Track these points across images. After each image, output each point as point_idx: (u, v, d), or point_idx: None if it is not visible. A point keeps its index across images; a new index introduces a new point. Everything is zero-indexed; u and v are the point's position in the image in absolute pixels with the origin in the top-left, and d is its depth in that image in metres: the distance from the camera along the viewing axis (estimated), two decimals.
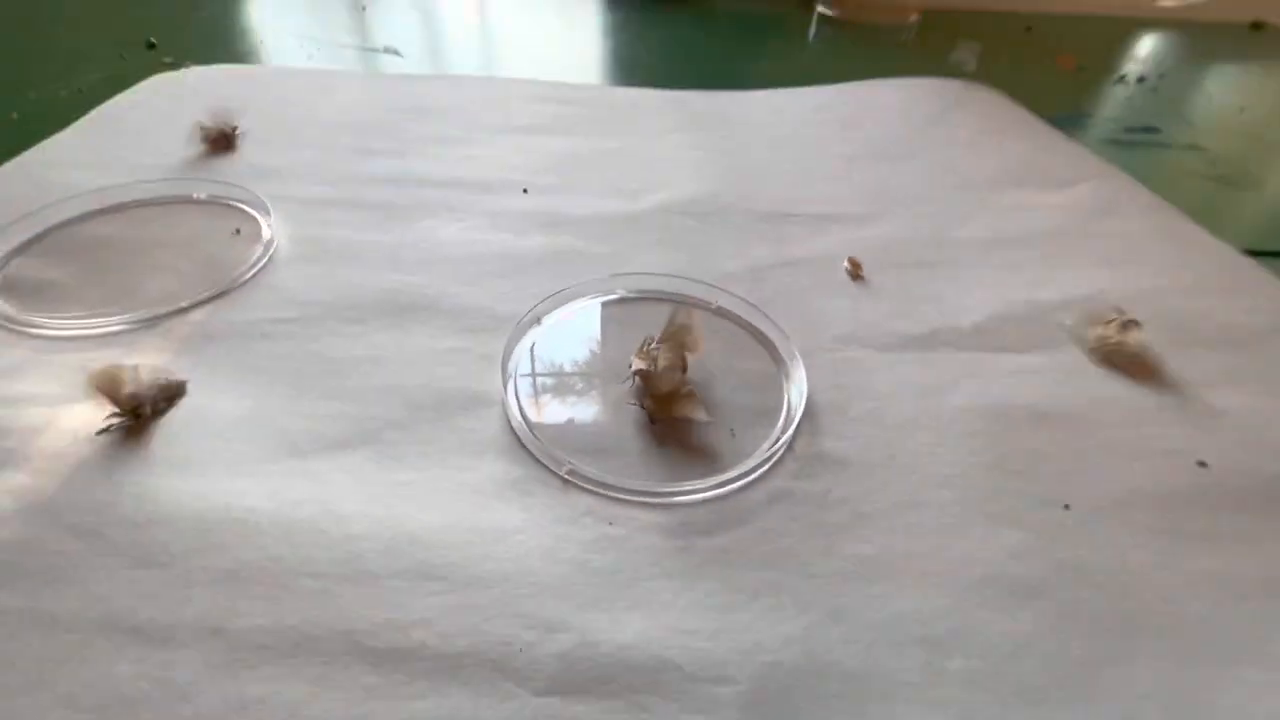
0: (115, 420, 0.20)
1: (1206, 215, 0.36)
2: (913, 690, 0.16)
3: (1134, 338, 0.24)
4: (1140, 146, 0.44)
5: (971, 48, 0.59)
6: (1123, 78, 0.56)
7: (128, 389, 0.19)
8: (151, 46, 0.48)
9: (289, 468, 0.19)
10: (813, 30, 0.63)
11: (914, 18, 0.62)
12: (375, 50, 0.51)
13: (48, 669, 0.15)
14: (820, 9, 0.63)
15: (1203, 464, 0.21)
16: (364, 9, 0.60)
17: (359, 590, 0.17)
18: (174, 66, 0.45)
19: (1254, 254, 0.31)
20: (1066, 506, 0.20)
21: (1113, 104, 0.51)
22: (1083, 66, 0.58)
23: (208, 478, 0.19)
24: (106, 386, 0.19)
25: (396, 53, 0.51)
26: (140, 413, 0.20)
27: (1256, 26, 0.73)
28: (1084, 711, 0.15)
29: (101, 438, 0.20)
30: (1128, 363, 0.24)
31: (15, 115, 0.38)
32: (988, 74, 0.55)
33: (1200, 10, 0.74)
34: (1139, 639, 0.17)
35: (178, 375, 0.21)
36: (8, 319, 0.24)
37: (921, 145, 0.39)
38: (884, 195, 0.34)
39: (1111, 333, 0.24)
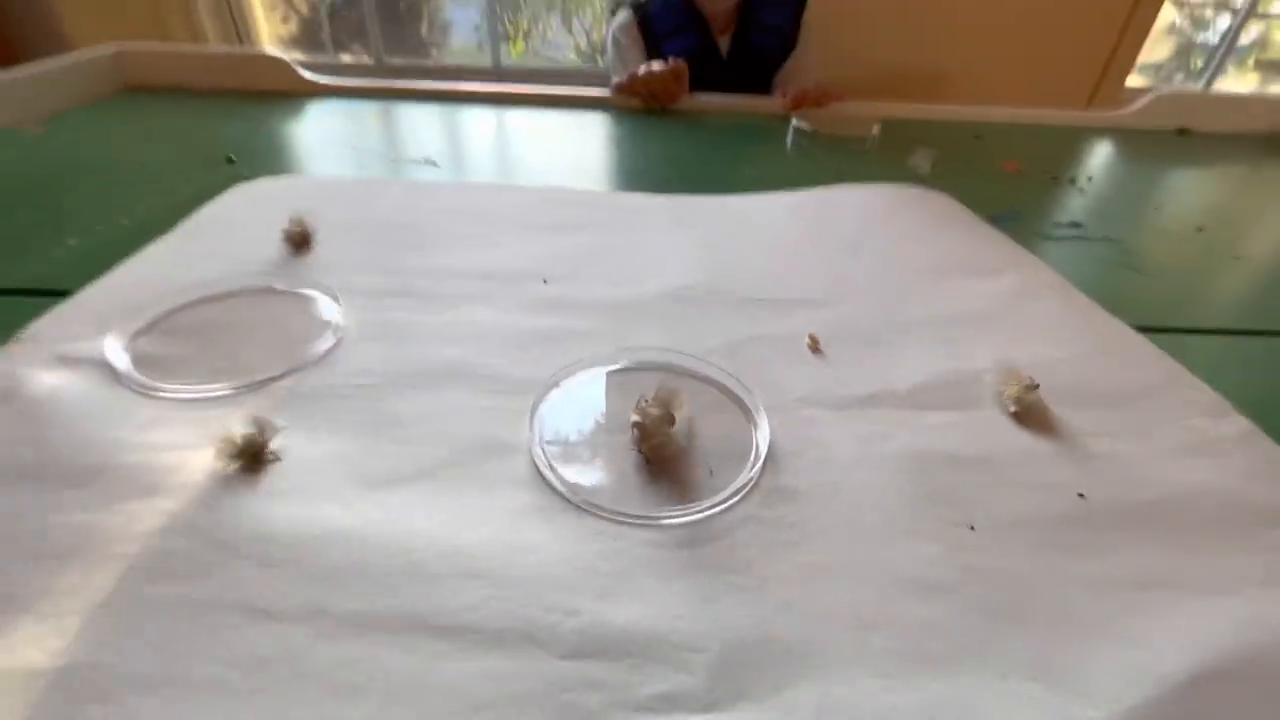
0: (241, 460, 0.26)
1: (1112, 297, 0.42)
2: (843, 658, 0.21)
3: (1032, 397, 0.30)
4: (1065, 240, 0.52)
5: (927, 154, 0.69)
6: (1056, 179, 0.65)
7: (249, 438, 0.26)
8: (230, 161, 0.58)
9: (366, 496, 0.25)
10: (790, 140, 0.73)
11: (876, 129, 0.71)
12: (416, 161, 0.60)
13: (200, 638, 0.20)
14: (796, 122, 0.73)
15: (1081, 495, 0.27)
16: (406, 126, 0.70)
17: (424, 586, 0.22)
18: (249, 178, 0.54)
19: (1143, 329, 0.38)
20: (972, 527, 0.25)
21: (1046, 203, 0.59)
22: (1022, 170, 0.67)
23: (306, 504, 0.25)
24: (232, 439, 0.26)
25: (434, 163, 0.60)
26: (259, 455, 0.26)
27: (1182, 132, 0.84)
28: (971, 672, 0.20)
29: (222, 474, 0.25)
30: (1028, 417, 0.30)
31: (126, 222, 0.46)
32: (940, 177, 0.63)
33: (1133, 118, 0.85)
34: (1020, 623, 0.22)
35: (278, 428, 0.27)
36: (141, 385, 0.30)
37: (875, 241, 0.47)
38: (841, 283, 0.41)
39: (1015, 392, 0.31)
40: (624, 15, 1.01)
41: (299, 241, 0.42)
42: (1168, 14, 1.99)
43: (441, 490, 0.26)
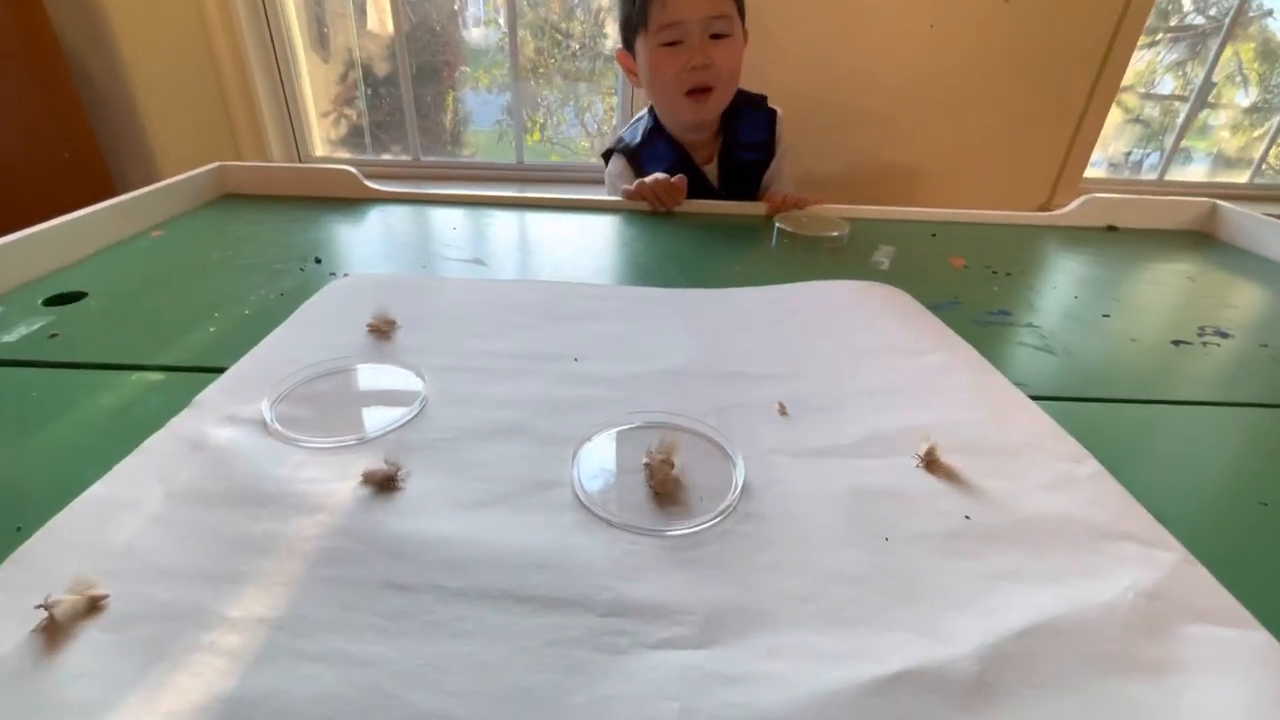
0: (379, 484, 0.37)
1: (1022, 373, 0.54)
2: (786, 618, 0.31)
3: (936, 453, 0.41)
4: (994, 325, 0.64)
5: (887, 251, 0.82)
6: (995, 272, 0.78)
7: (386, 470, 0.37)
8: (318, 261, 0.71)
9: (461, 516, 0.36)
10: (774, 239, 0.87)
11: (846, 229, 0.85)
12: (467, 260, 0.74)
13: (361, 601, 0.31)
14: (778, 224, 0.87)
15: (968, 517, 0.37)
16: (454, 229, 0.84)
17: (507, 573, 0.33)
18: (335, 274, 0.67)
19: (1039, 398, 0.49)
20: (886, 539, 0.36)
21: (982, 293, 0.72)
22: (968, 265, 0.80)
23: (421, 518, 0.36)
24: (372, 472, 0.37)
25: (482, 262, 0.74)
26: (392, 482, 0.37)
27: (1110, 229, 0.98)
28: (871, 627, 0.30)
29: (359, 497, 0.37)
30: (934, 465, 0.41)
31: (247, 312, 0.59)
32: (897, 271, 0.76)
33: (1067, 218, 0.99)
34: (910, 600, 0.32)
35: (392, 474, 0.39)
36: (288, 439, 0.41)
37: (833, 327, 0.59)
38: (805, 362, 0.53)
39: (923, 451, 0.41)
40: (619, 162, 1.12)
41: (384, 330, 0.55)
42: (1130, 102, 2.20)
43: (512, 512, 0.37)
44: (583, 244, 0.83)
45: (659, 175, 0.94)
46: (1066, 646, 0.30)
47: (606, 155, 1.19)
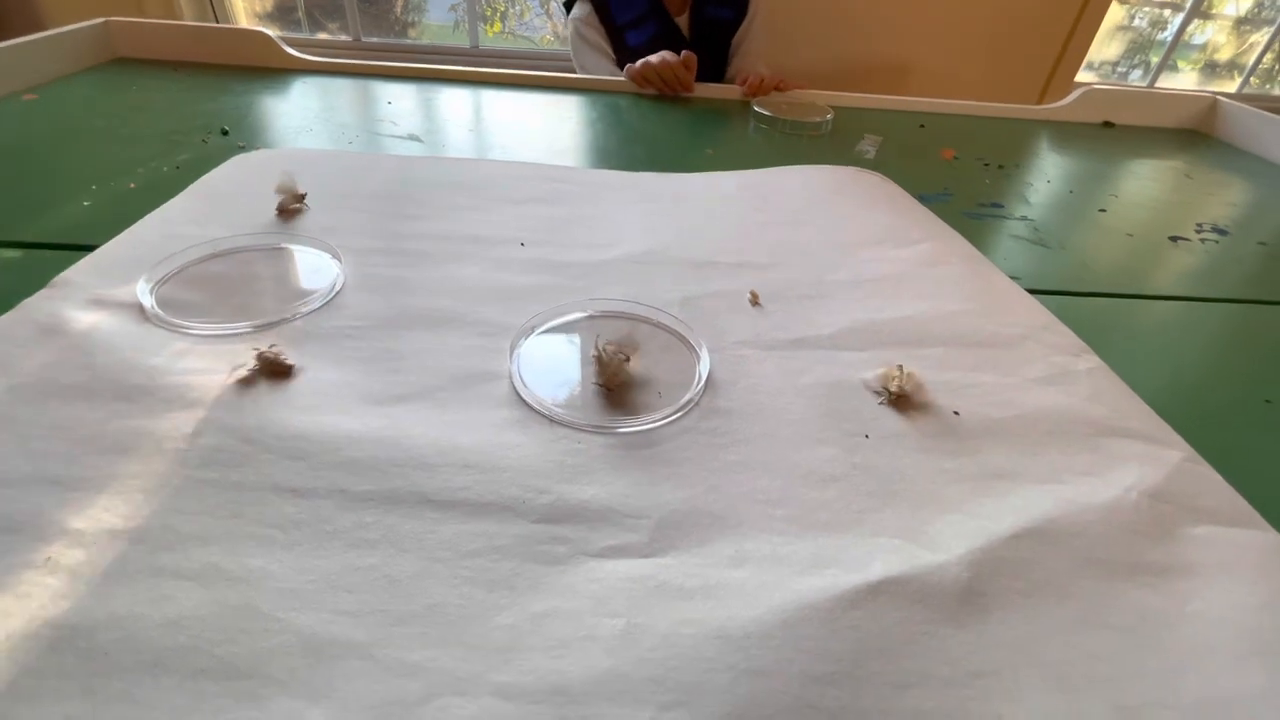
0: (264, 371, 0.31)
1: (1016, 266, 0.49)
2: (752, 523, 0.27)
3: (909, 382, 0.35)
4: (986, 218, 0.59)
5: (873, 140, 0.75)
6: (987, 165, 0.72)
7: (272, 354, 0.31)
8: (225, 133, 0.61)
9: (374, 411, 0.30)
10: (751, 124, 0.78)
11: (828, 115, 0.77)
12: (400, 137, 0.65)
13: (245, 506, 0.25)
14: (755, 108, 0.79)
15: (956, 413, 0.33)
16: (390, 103, 0.74)
17: (424, 473, 0.27)
18: (245, 149, 0.58)
19: (1035, 291, 0.45)
20: (867, 436, 0.32)
21: (974, 185, 0.66)
22: (958, 157, 0.73)
23: (323, 414, 0.30)
24: (264, 354, 0.31)
25: (418, 139, 0.64)
26: (284, 372, 0.31)
27: (1107, 125, 0.92)
28: (849, 533, 0.26)
29: (250, 389, 0.30)
30: (900, 401, 0.36)
31: (133, 185, 0.50)
32: (885, 161, 0.70)
33: (1063, 112, 0.92)
34: (893, 502, 0.28)
35: (289, 360, 0.32)
36: (170, 324, 0.35)
37: (814, 215, 0.53)
38: (782, 250, 0.47)
39: (895, 378, 0.35)
40: (583, 8, 1.03)
41: (295, 206, 0.47)
42: (1117, 14, 2.10)
43: (436, 406, 0.31)
44: (538, 125, 0.73)
45: (668, 55, 0.83)
46: (1064, 551, 0.26)
47: (570, 3, 1.09)
